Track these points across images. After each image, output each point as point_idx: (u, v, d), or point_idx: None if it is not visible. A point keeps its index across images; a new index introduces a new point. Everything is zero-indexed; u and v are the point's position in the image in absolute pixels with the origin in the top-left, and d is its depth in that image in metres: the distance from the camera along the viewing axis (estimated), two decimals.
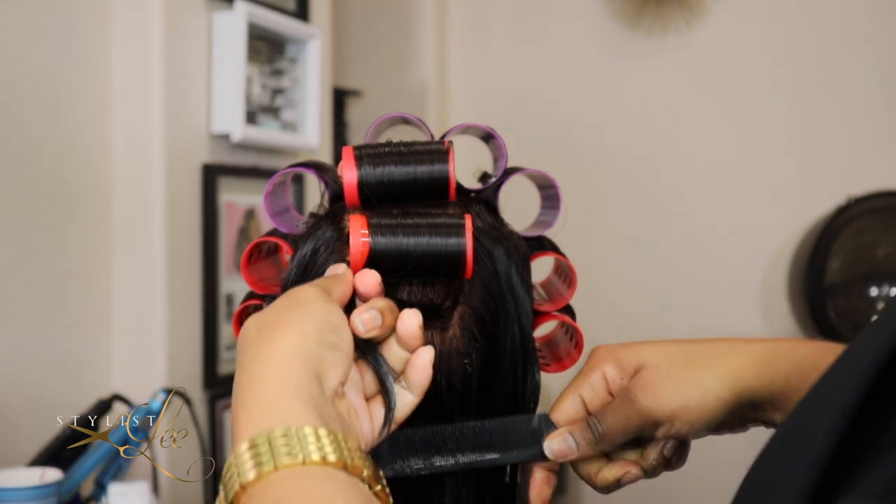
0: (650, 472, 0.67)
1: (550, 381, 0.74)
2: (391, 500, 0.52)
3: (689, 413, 0.62)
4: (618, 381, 0.65)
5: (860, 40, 2.49)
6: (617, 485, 0.66)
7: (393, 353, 0.59)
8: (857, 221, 2.30)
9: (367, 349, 0.59)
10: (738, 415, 0.64)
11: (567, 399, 0.66)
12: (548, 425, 0.64)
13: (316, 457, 0.48)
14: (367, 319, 0.57)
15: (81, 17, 1.59)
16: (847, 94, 2.50)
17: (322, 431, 0.49)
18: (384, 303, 0.59)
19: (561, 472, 0.67)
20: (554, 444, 0.64)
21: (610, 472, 0.66)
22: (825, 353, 0.61)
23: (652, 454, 0.66)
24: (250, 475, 0.48)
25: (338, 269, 0.61)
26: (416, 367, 0.59)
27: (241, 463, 0.48)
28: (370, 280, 0.59)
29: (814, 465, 0.37)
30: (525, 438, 0.64)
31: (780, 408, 0.63)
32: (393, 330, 0.59)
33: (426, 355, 0.59)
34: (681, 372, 0.62)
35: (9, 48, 1.46)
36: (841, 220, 2.29)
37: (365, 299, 0.59)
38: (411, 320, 0.58)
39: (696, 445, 0.72)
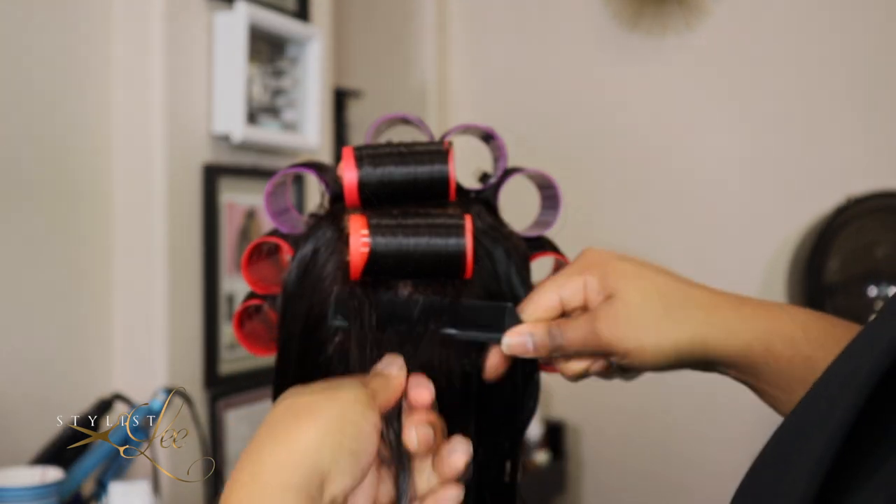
0: (606, 373, 0.68)
1: (550, 381, 0.74)
2: None
3: (642, 354, 0.62)
4: (594, 295, 0.65)
5: (860, 40, 2.49)
6: (585, 374, 0.67)
7: (423, 473, 0.58)
8: (856, 221, 2.30)
9: (399, 462, 0.58)
10: (695, 366, 0.65)
11: (546, 293, 0.65)
12: (512, 318, 0.64)
13: None
14: (423, 437, 0.56)
15: (82, 17, 1.59)
16: (847, 95, 2.50)
17: None
18: (440, 423, 0.58)
19: (560, 471, 0.68)
20: (513, 340, 0.63)
21: (577, 364, 0.66)
22: (797, 327, 0.63)
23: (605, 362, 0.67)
24: None
25: (391, 369, 0.59)
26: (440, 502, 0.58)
27: None
28: (425, 395, 0.59)
29: (815, 471, 0.37)
30: (489, 321, 0.63)
31: (744, 372, 0.64)
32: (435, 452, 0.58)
33: (453, 495, 0.57)
34: (647, 318, 0.62)
35: (9, 48, 1.47)
36: (840, 220, 2.29)
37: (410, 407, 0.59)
38: (461, 455, 0.57)
39: (697, 445, 0.72)
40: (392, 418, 0.59)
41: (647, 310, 0.62)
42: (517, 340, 0.63)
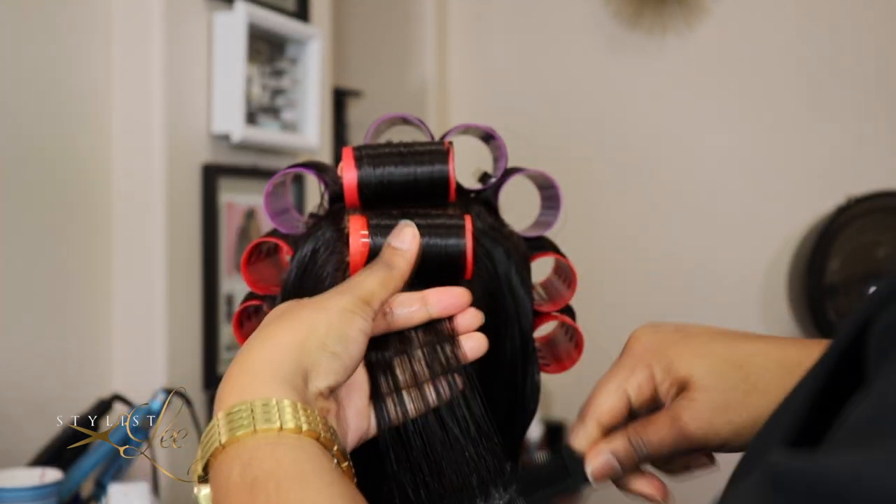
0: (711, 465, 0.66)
1: (550, 382, 0.74)
2: (354, 474, 0.55)
3: (742, 439, 0.60)
4: (665, 388, 0.61)
5: (860, 40, 2.49)
6: (689, 470, 0.66)
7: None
8: (856, 221, 2.30)
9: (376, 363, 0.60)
10: None
11: (611, 392, 0.62)
12: (572, 460, 0.60)
13: (291, 425, 0.51)
14: (601, 468, 0.60)
15: (81, 17, 1.59)
16: (847, 95, 2.50)
17: (300, 405, 0.52)
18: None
19: None
20: (596, 466, 0.60)
21: (676, 465, 0.65)
22: None
23: (706, 457, 0.65)
24: (228, 436, 0.52)
25: (401, 242, 0.60)
26: None
27: (222, 425, 0.53)
28: (472, 320, 0.61)
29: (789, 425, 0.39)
30: (551, 474, 0.61)
31: None
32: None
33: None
34: (736, 403, 0.59)
35: (8, 48, 1.46)
36: (841, 220, 2.28)
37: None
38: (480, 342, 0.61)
39: None
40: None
41: (733, 395, 0.59)
42: (600, 463, 0.61)
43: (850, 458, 0.33)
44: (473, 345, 0.61)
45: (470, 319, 0.61)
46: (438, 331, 0.61)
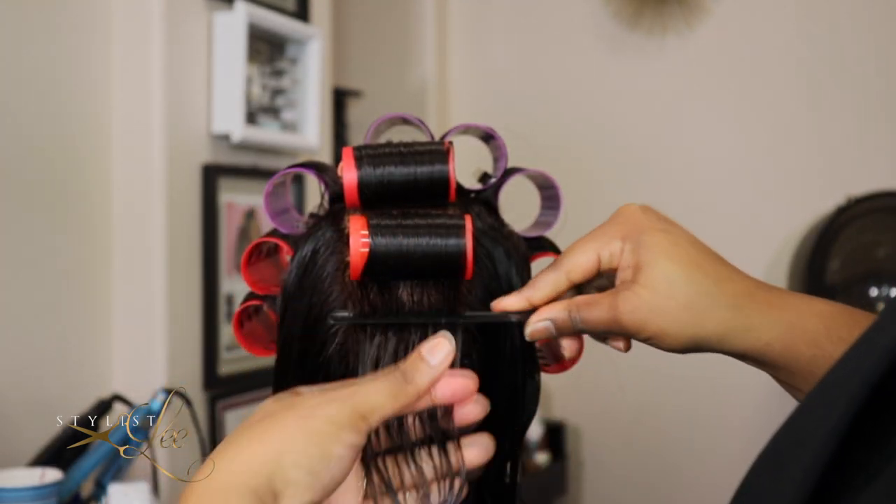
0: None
1: (550, 382, 0.74)
2: None
3: (661, 342, 0.63)
4: (624, 266, 0.63)
5: (860, 40, 2.49)
6: (604, 341, 0.68)
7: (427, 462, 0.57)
8: (856, 221, 2.30)
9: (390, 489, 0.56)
10: (713, 351, 0.66)
11: (587, 252, 0.64)
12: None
13: None
14: (538, 331, 0.62)
15: (81, 17, 1.59)
16: (847, 95, 2.50)
17: None
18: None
19: (561, 471, 0.67)
20: (536, 327, 0.63)
21: (599, 335, 0.67)
22: (820, 324, 0.64)
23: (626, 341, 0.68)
24: None
25: (428, 363, 0.56)
26: None
27: None
28: (476, 413, 0.58)
29: (805, 479, 0.37)
30: (496, 317, 0.63)
31: (763, 366, 0.66)
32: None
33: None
34: (670, 308, 0.61)
35: (8, 48, 1.46)
36: (841, 220, 2.28)
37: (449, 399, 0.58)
38: (479, 451, 0.58)
39: (697, 445, 0.72)
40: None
41: (671, 300, 0.61)
42: (538, 328, 0.63)
43: None
44: (478, 453, 0.57)
45: (475, 409, 0.58)
46: (440, 425, 0.57)
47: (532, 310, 0.63)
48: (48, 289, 1.54)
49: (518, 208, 0.76)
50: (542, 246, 0.70)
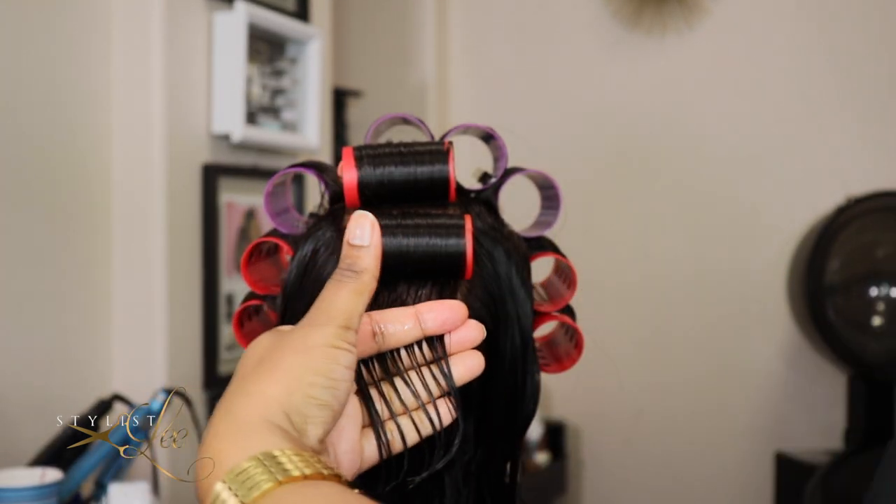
0: None
1: (550, 382, 0.74)
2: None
3: None
4: None
5: (859, 40, 2.49)
6: None
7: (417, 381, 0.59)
8: (856, 222, 2.30)
9: (367, 400, 0.58)
10: None
11: None
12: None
13: (310, 471, 0.48)
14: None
15: (81, 17, 1.59)
16: (847, 95, 2.50)
17: (307, 455, 0.49)
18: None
19: (561, 471, 0.67)
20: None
21: None
22: None
23: None
24: (258, 492, 0.47)
25: (361, 252, 0.57)
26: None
27: (238, 486, 0.48)
28: (475, 335, 0.60)
29: None
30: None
31: None
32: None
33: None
34: None
35: (9, 48, 1.46)
36: (840, 220, 2.29)
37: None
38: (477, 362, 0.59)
39: (696, 446, 0.72)
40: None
41: None
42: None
43: None
44: (471, 364, 0.60)
45: (469, 333, 0.60)
46: (434, 349, 0.60)
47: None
48: (49, 288, 1.54)
49: (518, 208, 0.76)
50: (542, 246, 0.70)
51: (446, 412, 0.59)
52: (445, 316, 0.59)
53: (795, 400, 2.54)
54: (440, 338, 0.59)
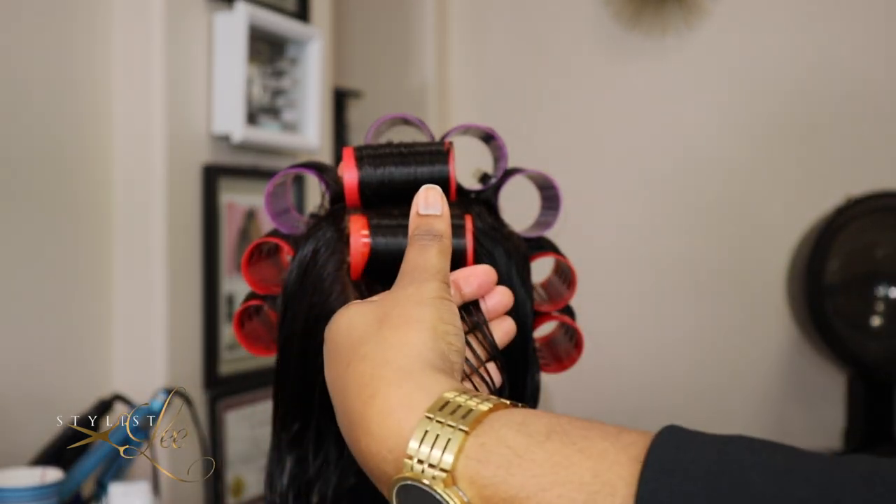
0: None
1: (550, 382, 0.74)
2: None
3: None
4: None
5: (858, 40, 2.49)
6: None
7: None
8: (856, 222, 2.30)
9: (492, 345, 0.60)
10: None
11: None
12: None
13: (495, 402, 0.47)
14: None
15: (82, 18, 1.59)
16: (846, 95, 2.50)
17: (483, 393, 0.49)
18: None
19: None
20: None
21: None
22: None
23: None
24: (471, 417, 0.45)
25: (433, 220, 0.59)
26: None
27: (451, 412, 0.45)
28: (506, 300, 0.61)
29: None
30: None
31: None
32: None
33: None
34: None
35: (9, 49, 1.47)
36: (840, 220, 2.29)
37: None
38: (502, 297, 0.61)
39: None
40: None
41: None
42: None
43: None
44: (507, 327, 0.61)
45: (502, 298, 0.61)
46: (473, 315, 0.60)
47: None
48: (49, 288, 1.54)
49: (518, 208, 0.76)
50: (542, 246, 0.70)
51: (496, 374, 0.59)
52: (481, 279, 0.60)
53: (795, 399, 2.55)
54: (476, 304, 0.60)
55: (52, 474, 1.22)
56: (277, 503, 0.65)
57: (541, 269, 0.71)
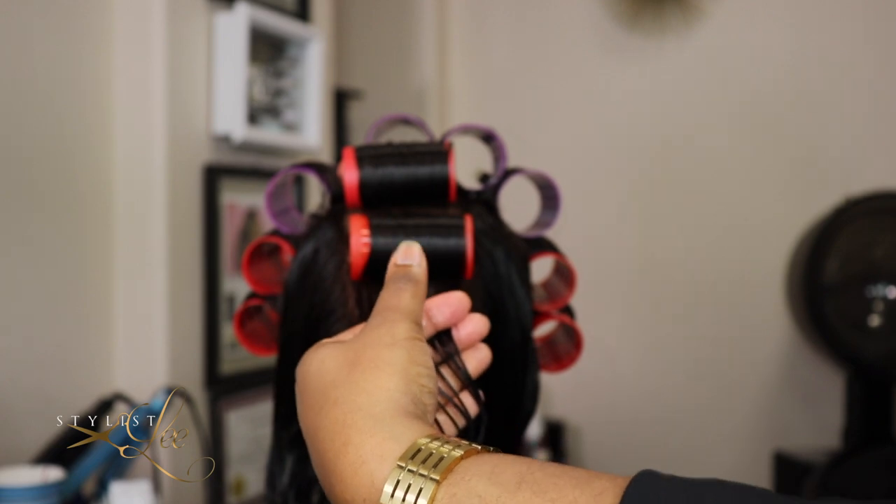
0: None
1: (550, 382, 0.74)
2: None
3: None
4: None
5: (858, 40, 2.49)
6: None
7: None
8: (854, 222, 2.31)
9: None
10: None
11: None
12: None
13: (466, 448, 0.48)
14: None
15: (82, 18, 1.59)
16: (844, 95, 2.50)
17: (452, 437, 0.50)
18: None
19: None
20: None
21: None
22: None
23: None
24: (443, 465, 0.46)
25: (411, 268, 0.59)
26: None
27: (422, 460, 0.46)
28: (482, 327, 0.61)
29: None
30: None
31: None
32: None
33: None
34: None
35: (9, 49, 1.47)
36: (839, 220, 2.29)
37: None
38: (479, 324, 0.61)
39: (696, 445, 0.72)
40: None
41: None
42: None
43: None
44: (481, 356, 0.61)
45: (476, 326, 0.61)
46: (445, 345, 0.60)
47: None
48: (50, 288, 1.54)
49: (518, 208, 0.76)
50: (542, 246, 0.70)
51: (471, 404, 0.60)
52: (454, 308, 0.60)
53: (794, 399, 2.55)
54: (448, 333, 0.60)
55: (54, 473, 1.22)
56: (278, 502, 0.65)
57: (541, 269, 0.71)
